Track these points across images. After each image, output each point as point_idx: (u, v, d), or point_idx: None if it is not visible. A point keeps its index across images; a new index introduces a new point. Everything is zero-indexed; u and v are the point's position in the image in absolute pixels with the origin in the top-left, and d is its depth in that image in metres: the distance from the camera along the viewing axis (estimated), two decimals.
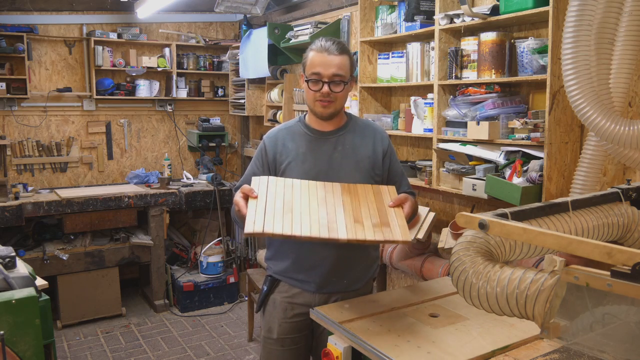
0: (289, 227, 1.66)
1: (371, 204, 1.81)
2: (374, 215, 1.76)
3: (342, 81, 1.92)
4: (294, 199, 1.77)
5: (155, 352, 3.93)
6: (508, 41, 2.54)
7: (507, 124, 2.47)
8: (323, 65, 1.89)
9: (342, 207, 1.77)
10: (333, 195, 1.82)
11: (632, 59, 1.87)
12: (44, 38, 4.63)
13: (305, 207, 1.74)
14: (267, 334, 2.08)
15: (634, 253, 1.01)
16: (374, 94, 3.43)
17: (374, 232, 1.70)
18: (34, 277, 1.87)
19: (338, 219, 1.71)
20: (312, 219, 1.70)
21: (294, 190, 1.81)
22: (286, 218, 1.69)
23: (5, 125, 4.55)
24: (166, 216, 4.63)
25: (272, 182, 1.84)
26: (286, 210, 1.72)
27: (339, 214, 1.74)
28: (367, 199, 1.83)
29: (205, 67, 5.27)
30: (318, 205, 1.76)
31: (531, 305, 1.18)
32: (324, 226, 1.68)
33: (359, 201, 1.81)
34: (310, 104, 1.97)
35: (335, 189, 1.85)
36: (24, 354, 1.62)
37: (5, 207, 3.98)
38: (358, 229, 1.70)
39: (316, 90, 1.92)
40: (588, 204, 1.54)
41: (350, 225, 1.70)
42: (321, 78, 1.90)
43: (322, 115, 1.97)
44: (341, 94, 1.95)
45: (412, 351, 1.58)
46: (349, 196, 1.82)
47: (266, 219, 1.68)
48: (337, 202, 1.79)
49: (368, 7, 3.35)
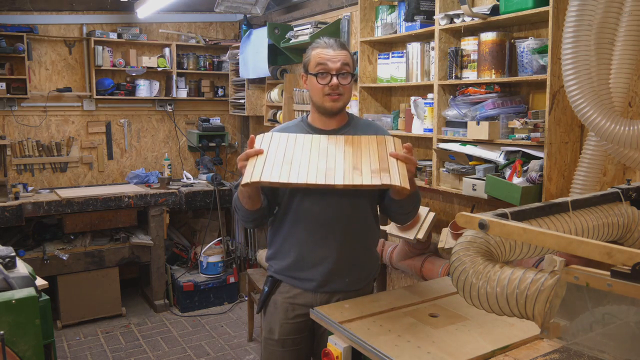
0: (286, 175, 1.66)
1: (373, 152, 1.78)
2: (374, 162, 1.74)
3: (349, 73, 1.93)
4: (295, 151, 1.77)
5: (155, 352, 3.93)
6: (508, 41, 2.54)
7: (507, 124, 2.47)
8: (330, 59, 1.91)
9: (342, 156, 1.76)
10: (335, 146, 1.81)
11: (632, 59, 1.87)
12: (44, 38, 4.63)
13: (306, 158, 1.74)
14: (268, 334, 2.08)
15: (634, 253, 1.01)
16: (374, 94, 3.43)
17: (371, 177, 1.67)
18: (34, 277, 1.87)
19: (337, 167, 1.71)
20: (310, 167, 1.70)
21: (297, 144, 1.80)
22: (284, 168, 1.69)
23: (5, 125, 4.55)
24: (166, 216, 4.63)
25: (276, 137, 1.83)
26: (286, 162, 1.72)
27: (339, 162, 1.73)
28: (370, 148, 1.80)
29: (205, 67, 5.27)
30: (319, 155, 1.75)
31: (531, 305, 1.18)
32: (321, 173, 1.68)
33: (360, 150, 1.79)
34: (319, 99, 1.96)
35: (339, 140, 1.84)
36: (24, 354, 1.62)
37: (5, 207, 3.98)
38: (356, 174, 1.68)
39: (325, 83, 1.91)
40: (588, 204, 1.54)
41: (349, 171, 1.69)
42: (329, 71, 1.90)
43: (331, 110, 1.96)
44: (348, 87, 1.95)
45: (412, 351, 1.58)
46: (351, 146, 1.81)
47: (265, 169, 1.68)
48: (338, 151, 1.78)
49: (368, 7, 3.35)
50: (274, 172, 1.68)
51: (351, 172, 1.69)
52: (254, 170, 1.69)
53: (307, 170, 1.68)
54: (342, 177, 1.66)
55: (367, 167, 1.71)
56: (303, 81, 2.02)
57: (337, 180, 1.65)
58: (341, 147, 1.80)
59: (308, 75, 1.97)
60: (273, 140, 1.82)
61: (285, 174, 1.67)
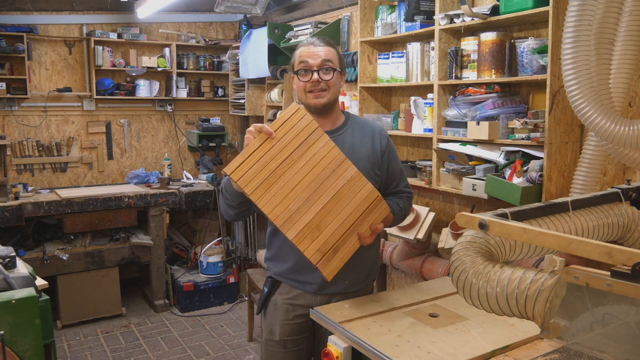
0: (258, 195, 1.63)
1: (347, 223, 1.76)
2: (336, 235, 1.74)
3: (331, 68, 1.92)
4: (287, 173, 1.69)
5: (155, 352, 3.93)
6: (508, 41, 2.54)
7: (507, 124, 2.47)
8: (310, 56, 1.92)
9: (320, 206, 1.71)
10: (323, 195, 1.74)
11: (632, 59, 1.87)
12: (44, 38, 4.63)
13: (290, 185, 1.68)
14: (269, 335, 2.08)
15: (634, 253, 1.01)
16: (374, 94, 3.43)
17: (314, 252, 1.69)
18: (34, 277, 1.87)
19: (303, 216, 1.68)
20: (285, 198, 1.66)
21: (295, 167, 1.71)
22: (263, 186, 1.64)
23: (5, 125, 4.55)
24: (166, 216, 4.63)
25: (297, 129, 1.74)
26: (272, 178, 1.66)
27: (309, 214, 1.69)
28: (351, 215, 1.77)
29: (205, 67, 5.27)
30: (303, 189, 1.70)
31: (531, 305, 1.18)
32: (284, 215, 1.65)
33: (339, 212, 1.74)
34: (302, 97, 1.97)
35: (329, 190, 1.75)
36: (24, 354, 1.62)
37: (5, 207, 3.98)
38: (306, 240, 1.68)
39: (306, 80, 1.92)
40: (588, 204, 1.54)
41: (306, 231, 1.68)
42: (310, 67, 1.91)
43: (315, 106, 1.94)
44: (332, 82, 1.93)
45: (412, 351, 1.58)
46: (336, 201, 1.75)
47: (248, 173, 1.64)
48: (319, 201, 1.72)
49: (368, 7, 3.35)
50: (253, 182, 1.64)
51: (307, 233, 1.69)
52: (241, 165, 1.64)
53: (279, 201, 1.66)
54: (295, 232, 1.66)
55: (325, 239, 1.72)
56: (292, 82, 2.03)
57: (290, 235, 1.66)
58: (329, 195, 1.73)
59: (293, 75, 1.98)
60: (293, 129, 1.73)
61: (259, 192, 1.64)
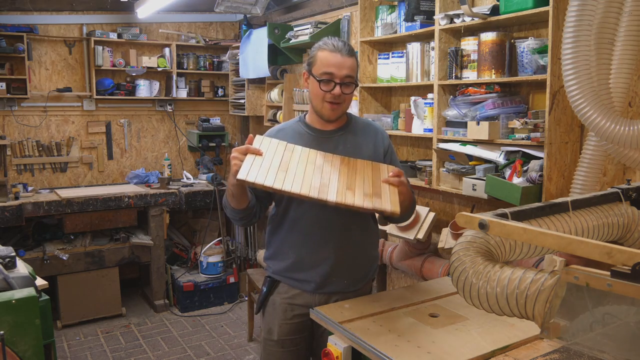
0: (280, 183, 1.69)
1: (367, 177, 1.82)
2: (367, 186, 1.78)
3: (352, 83, 1.90)
4: (292, 161, 1.79)
5: (155, 352, 3.93)
6: (508, 41, 2.54)
7: (507, 124, 2.47)
8: (337, 66, 1.85)
9: (337, 175, 1.79)
10: (331, 165, 1.83)
11: (632, 59, 1.87)
12: (44, 38, 4.63)
13: (301, 170, 1.76)
14: (268, 335, 2.08)
15: (634, 253, 1.01)
16: (374, 94, 3.43)
17: (363, 199, 1.71)
18: (34, 277, 1.87)
19: (331, 184, 1.74)
20: (305, 179, 1.73)
21: (294, 154, 1.83)
22: (279, 175, 1.72)
23: (5, 125, 4.55)
24: (166, 216, 4.63)
25: (274, 143, 1.85)
26: (281, 169, 1.75)
27: (333, 180, 1.76)
28: (365, 172, 1.84)
29: (205, 67, 5.27)
30: (314, 170, 1.78)
31: (531, 305, 1.18)
32: (315, 187, 1.71)
33: (355, 173, 1.82)
34: (318, 104, 1.92)
35: (335, 160, 1.86)
36: (24, 354, 1.62)
37: (5, 207, 3.98)
38: (348, 194, 1.72)
39: (327, 90, 1.87)
40: (588, 204, 1.54)
41: (342, 190, 1.72)
42: (334, 79, 1.86)
43: (329, 118, 1.94)
44: (349, 96, 1.93)
45: (412, 351, 1.58)
46: (346, 167, 1.83)
47: (260, 171, 1.71)
48: (333, 170, 1.80)
49: (368, 7, 3.35)
50: (269, 176, 1.70)
51: (344, 191, 1.72)
52: (250, 169, 1.71)
53: (301, 182, 1.71)
54: (335, 194, 1.70)
55: (361, 190, 1.75)
56: (304, 79, 1.97)
57: (330, 196, 1.69)
58: (337, 166, 1.83)
59: (311, 76, 1.92)
60: (272, 145, 1.84)
61: (279, 180, 1.70)
